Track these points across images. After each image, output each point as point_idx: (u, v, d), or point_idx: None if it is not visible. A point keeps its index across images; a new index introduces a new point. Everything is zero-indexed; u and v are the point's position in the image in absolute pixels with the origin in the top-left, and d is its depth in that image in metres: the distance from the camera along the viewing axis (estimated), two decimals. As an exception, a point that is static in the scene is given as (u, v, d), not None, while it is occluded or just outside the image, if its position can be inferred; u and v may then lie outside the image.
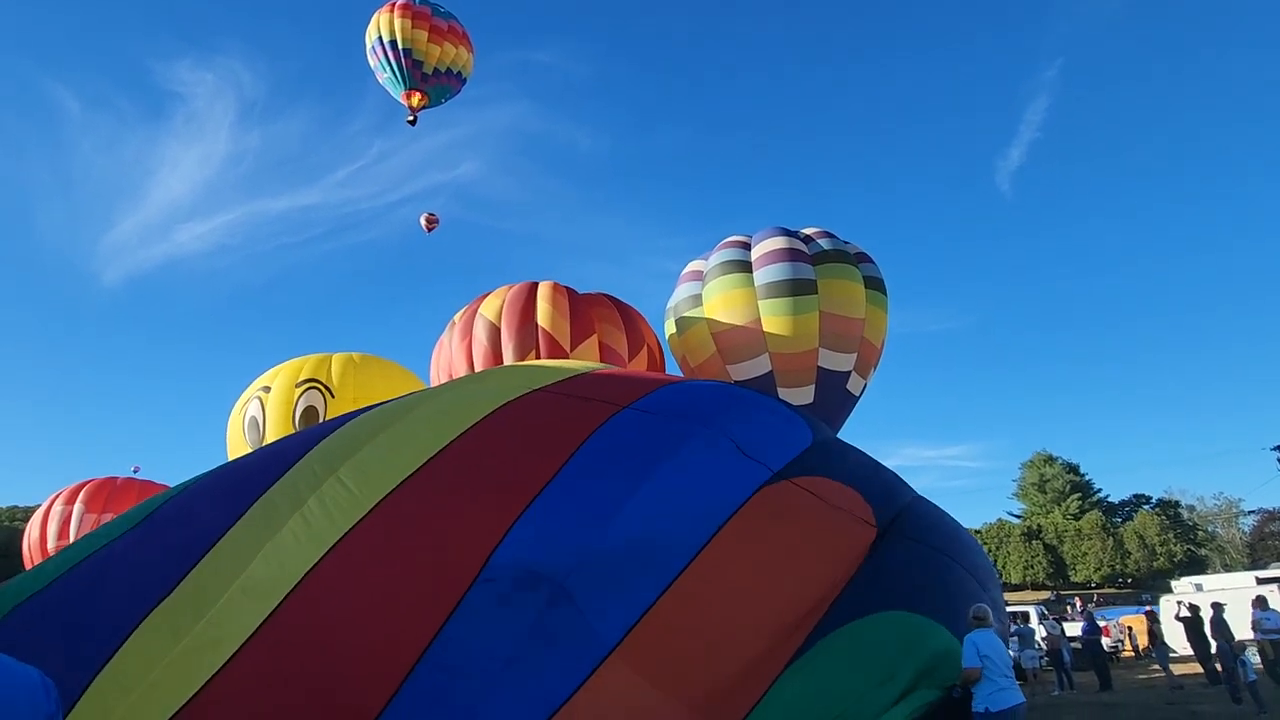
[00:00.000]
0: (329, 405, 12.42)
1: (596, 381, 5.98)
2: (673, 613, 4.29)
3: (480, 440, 4.99)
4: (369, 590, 4.19)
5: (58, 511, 19.72)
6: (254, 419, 12.70)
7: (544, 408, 5.40)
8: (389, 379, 12.67)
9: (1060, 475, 56.41)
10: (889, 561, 4.87)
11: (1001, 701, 4.97)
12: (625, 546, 4.50)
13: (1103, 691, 13.46)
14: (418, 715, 3.81)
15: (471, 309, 12.32)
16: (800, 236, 13.20)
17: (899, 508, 5.29)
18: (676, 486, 4.85)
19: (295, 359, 13.13)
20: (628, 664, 4.09)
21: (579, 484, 4.71)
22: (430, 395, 6.19)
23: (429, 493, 4.61)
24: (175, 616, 3.99)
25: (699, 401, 5.93)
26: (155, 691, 3.73)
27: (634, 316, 12.96)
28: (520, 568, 4.31)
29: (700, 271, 13.25)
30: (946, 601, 4.78)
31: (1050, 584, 48.58)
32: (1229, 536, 51.44)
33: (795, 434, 5.68)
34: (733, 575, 4.55)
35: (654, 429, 5.23)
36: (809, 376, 11.97)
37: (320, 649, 3.97)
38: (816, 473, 5.32)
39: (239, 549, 4.30)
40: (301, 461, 4.86)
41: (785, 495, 5.05)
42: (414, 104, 19.96)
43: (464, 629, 4.07)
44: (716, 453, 5.18)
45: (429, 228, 25.09)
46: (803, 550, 4.85)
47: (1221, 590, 18.04)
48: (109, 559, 4.35)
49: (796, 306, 12.00)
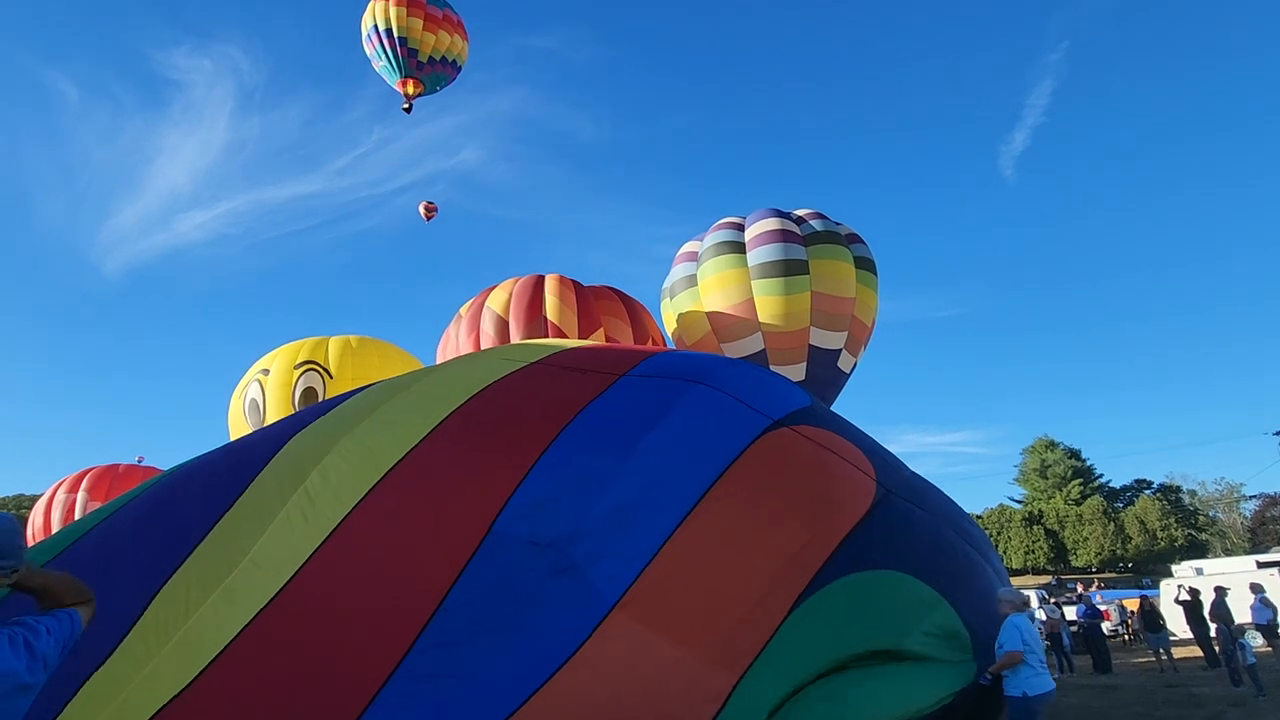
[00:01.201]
0: (327, 386, 12.54)
1: (591, 354, 5.99)
2: (675, 562, 4.29)
3: (474, 415, 5.00)
4: (373, 564, 4.25)
5: (61, 500, 19.80)
6: (254, 401, 12.83)
7: (539, 380, 5.41)
8: (386, 360, 12.74)
9: (1062, 461, 56.53)
10: (894, 521, 4.81)
11: (1039, 686, 5.06)
12: (625, 503, 4.50)
13: (1101, 674, 13.61)
14: (422, 683, 3.89)
15: (478, 301, 12.41)
16: (793, 218, 13.36)
17: (900, 478, 5.26)
18: (676, 438, 4.82)
19: (292, 342, 13.23)
20: (632, 617, 4.12)
21: (577, 450, 4.72)
22: (425, 373, 6.22)
23: (428, 467, 4.64)
24: (181, 592, 4.05)
25: (695, 362, 5.96)
26: (166, 663, 3.82)
27: (639, 310, 13.03)
28: (520, 537, 4.34)
29: (695, 252, 13.44)
30: (952, 571, 4.75)
31: (1051, 569, 48.76)
32: (1230, 521, 51.56)
33: (794, 393, 5.65)
34: (734, 520, 4.52)
35: (651, 388, 5.23)
36: (800, 355, 12.13)
37: (326, 620, 4.05)
38: (818, 425, 5.27)
39: (240, 528, 4.33)
40: (297, 438, 4.90)
41: (786, 440, 5.00)
42: (409, 92, 20.06)
43: (467, 598, 4.14)
44: (715, 403, 5.13)
45: (428, 216, 25.18)
46: (805, 492, 4.80)
47: (1222, 574, 18.03)
48: (102, 539, 4.35)
49: (788, 286, 12.18)
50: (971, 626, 4.61)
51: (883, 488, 4.95)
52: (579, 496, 4.51)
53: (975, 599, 4.78)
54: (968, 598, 4.70)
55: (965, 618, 4.60)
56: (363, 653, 3.98)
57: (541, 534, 4.35)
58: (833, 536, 4.56)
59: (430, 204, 25.27)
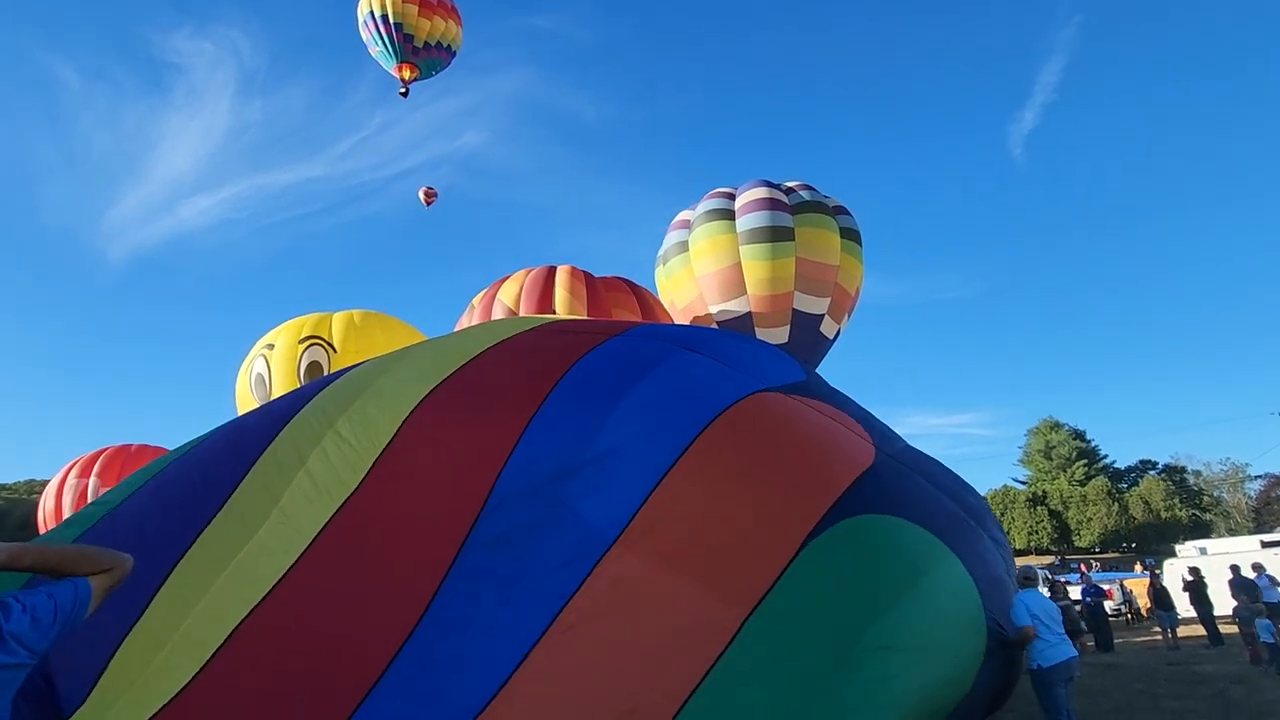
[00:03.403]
0: (332, 360, 12.69)
1: (587, 321, 6.08)
2: (673, 500, 4.23)
3: (469, 379, 5.07)
4: (379, 537, 4.29)
5: (72, 484, 19.75)
6: (260, 376, 13.01)
7: (531, 340, 5.51)
8: (390, 334, 12.77)
9: (1066, 442, 56.58)
10: (895, 479, 4.73)
11: (1052, 657, 5.28)
12: (616, 446, 4.49)
13: (1104, 653, 13.73)
14: (436, 643, 3.94)
15: (490, 293, 12.58)
16: (781, 188, 13.72)
17: (897, 448, 5.26)
18: (667, 387, 4.83)
19: (297, 318, 13.42)
20: (632, 550, 4.08)
21: (568, 403, 4.73)
22: (419, 347, 6.24)
23: (426, 433, 4.68)
24: (196, 573, 4.11)
25: (691, 331, 6.10)
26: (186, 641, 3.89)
27: (651, 302, 13.10)
28: (518, 490, 4.37)
29: (688, 220, 13.84)
30: (951, 531, 4.62)
31: (1055, 549, 48.94)
32: (1235, 501, 51.52)
33: (789, 366, 5.69)
34: (731, 462, 4.45)
35: (643, 346, 5.29)
36: (785, 318, 12.48)
37: (338, 588, 4.12)
38: (812, 396, 5.26)
39: (248, 511, 4.37)
40: (298, 417, 4.91)
41: (779, 401, 4.98)
42: (405, 77, 20.43)
43: (471, 562, 4.16)
44: (708, 364, 5.15)
45: (428, 201, 25.51)
46: (804, 442, 4.75)
47: (1226, 554, 18.08)
48: (115, 525, 4.38)
49: (775, 251, 12.53)
50: (976, 578, 4.49)
51: (882, 452, 4.92)
52: (572, 441, 4.53)
53: (975, 561, 4.62)
54: (968, 558, 4.57)
55: (970, 569, 4.49)
56: (375, 617, 4.01)
57: (537, 479, 4.37)
58: (836, 484, 4.43)
59: (430, 189, 25.61)
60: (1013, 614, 4.82)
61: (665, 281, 13.89)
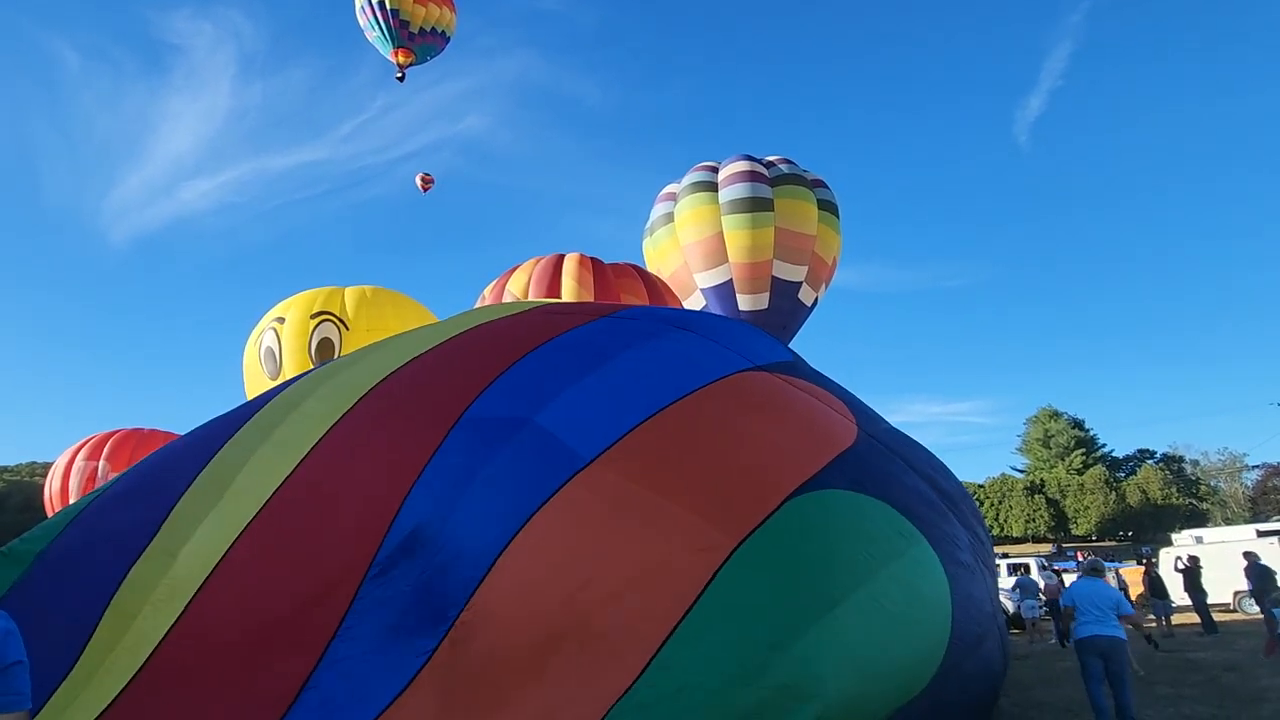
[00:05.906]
0: (344, 337, 12.37)
1: (576, 304, 6.30)
2: (661, 432, 4.22)
3: (447, 348, 5.15)
4: (352, 469, 4.40)
5: (80, 466, 19.23)
6: (270, 349, 12.25)
7: (516, 319, 5.59)
8: (401, 311, 12.23)
9: (1065, 430, 56.70)
10: (877, 459, 4.83)
11: (1078, 633, 6.29)
12: (602, 389, 4.57)
13: None
14: (408, 550, 3.98)
15: (500, 283, 12.60)
16: (763, 162, 14.19)
17: (880, 429, 5.37)
18: (654, 357, 4.93)
19: (307, 291, 13.01)
20: (613, 471, 4.03)
21: (550, 356, 4.81)
22: (400, 336, 6.13)
23: (392, 391, 4.75)
24: (169, 540, 4.18)
25: (684, 313, 6.28)
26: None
27: (660, 290, 12.95)
28: (493, 417, 4.43)
29: (674, 194, 14.35)
30: (924, 518, 4.62)
31: (1051, 537, 49.24)
32: (1232, 491, 51.58)
33: (777, 348, 5.88)
34: (720, 413, 4.54)
35: (631, 324, 5.46)
36: (764, 285, 12.96)
37: (316, 513, 4.23)
38: (799, 376, 5.39)
39: (221, 470, 4.45)
40: (279, 397, 4.98)
41: (766, 379, 5.12)
42: (401, 61, 20.89)
43: (439, 480, 4.21)
44: (697, 341, 5.31)
45: (425, 188, 25.92)
46: (791, 413, 4.88)
47: (1222, 543, 18.39)
48: (97, 517, 4.46)
49: (755, 221, 13.02)
50: (944, 560, 4.50)
51: (864, 432, 5.02)
52: (550, 381, 4.60)
53: (943, 544, 4.60)
54: (938, 541, 4.60)
55: (938, 551, 4.51)
56: (342, 550, 4.06)
57: (507, 412, 4.40)
58: (820, 456, 4.44)
59: (427, 176, 26.02)
60: (1061, 598, 5.98)
61: (652, 251, 14.38)
